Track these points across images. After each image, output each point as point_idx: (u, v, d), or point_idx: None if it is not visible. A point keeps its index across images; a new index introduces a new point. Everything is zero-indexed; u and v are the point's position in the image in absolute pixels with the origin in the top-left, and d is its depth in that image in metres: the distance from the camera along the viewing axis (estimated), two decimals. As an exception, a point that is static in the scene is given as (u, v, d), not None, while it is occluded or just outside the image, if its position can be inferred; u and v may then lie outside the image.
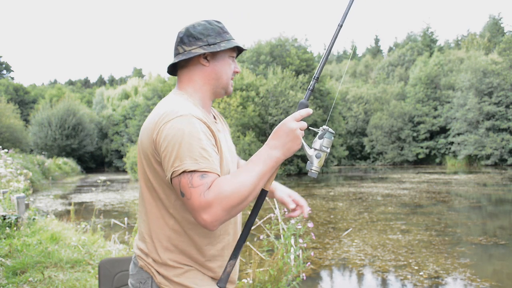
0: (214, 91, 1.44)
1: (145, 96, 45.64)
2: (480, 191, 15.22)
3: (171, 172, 1.19)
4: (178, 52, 1.40)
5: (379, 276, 5.41)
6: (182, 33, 1.41)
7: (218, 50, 1.37)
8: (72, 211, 7.66)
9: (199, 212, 1.14)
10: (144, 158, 1.32)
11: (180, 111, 1.25)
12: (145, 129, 1.32)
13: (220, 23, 1.44)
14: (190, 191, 1.15)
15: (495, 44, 41.72)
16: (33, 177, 19.91)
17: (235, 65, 1.47)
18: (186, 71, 1.42)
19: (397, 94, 42.33)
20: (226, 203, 1.14)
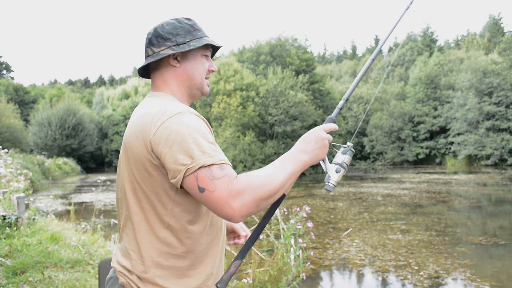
0: (189, 93, 1.39)
1: (145, 96, 45.68)
2: (480, 191, 15.22)
3: (184, 170, 1.11)
4: (148, 54, 1.35)
5: (379, 276, 5.41)
6: (150, 34, 1.35)
7: (187, 49, 1.31)
8: (72, 211, 7.66)
9: (227, 201, 1.08)
10: (135, 165, 1.22)
11: (176, 109, 1.20)
12: (133, 133, 1.24)
13: (190, 20, 1.38)
14: (214, 183, 1.09)
15: (495, 44, 41.72)
16: (33, 177, 19.91)
17: (210, 63, 1.40)
18: (158, 73, 1.36)
19: (397, 94, 42.33)
20: (257, 193, 1.10)
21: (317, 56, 69.15)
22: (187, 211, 1.23)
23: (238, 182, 1.10)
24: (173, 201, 1.21)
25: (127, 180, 1.26)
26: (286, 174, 1.17)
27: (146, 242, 1.23)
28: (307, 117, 30.95)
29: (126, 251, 1.28)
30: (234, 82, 30.11)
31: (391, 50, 58.62)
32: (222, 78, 30.60)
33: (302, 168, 1.22)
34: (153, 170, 1.20)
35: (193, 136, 1.14)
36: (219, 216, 1.19)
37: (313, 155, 1.25)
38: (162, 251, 1.23)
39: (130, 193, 1.26)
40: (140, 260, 1.24)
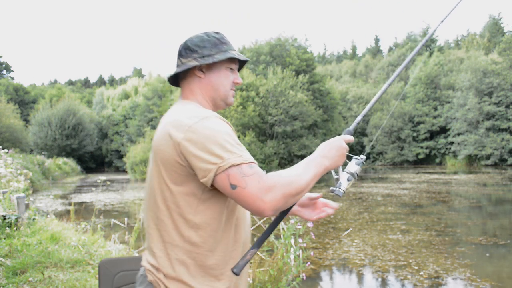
0: (214, 103, 1.46)
1: (145, 96, 45.66)
2: (480, 191, 15.22)
3: (215, 169, 1.19)
4: (177, 65, 1.44)
5: (379, 276, 5.41)
6: (181, 46, 1.45)
7: (211, 62, 1.38)
8: (72, 211, 7.66)
9: (259, 196, 1.16)
10: (163, 166, 1.29)
11: (202, 114, 1.29)
12: (162, 136, 1.31)
13: (219, 34, 1.45)
14: (245, 180, 1.17)
15: (495, 44, 41.73)
16: (33, 177, 19.92)
17: (235, 76, 1.47)
18: (186, 82, 1.45)
19: (397, 94, 42.35)
20: (286, 190, 1.18)
21: (317, 56, 69.15)
22: (212, 210, 1.29)
23: (268, 179, 1.18)
24: (199, 199, 1.28)
25: (155, 181, 1.32)
26: (311, 175, 1.26)
27: (171, 241, 1.30)
28: (307, 117, 30.96)
29: (152, 249, 1.34)
30: (234, 82, 30.13)
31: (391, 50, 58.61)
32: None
33: (323, 171, 1.31)
34: (181, 171, 1.26)
35: (221, 138, 1.22)
36: (250, 211, 1.25)
37: (333, 161, 1.34)
38: (187, 249, 1.29)
39: (158, 193, 1.32)
40: (167, 258, 1.30)
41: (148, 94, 45.36)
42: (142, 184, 23.46)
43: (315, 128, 33.11)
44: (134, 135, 42.82)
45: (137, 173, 27.86)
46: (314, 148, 31.05)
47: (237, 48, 44.53)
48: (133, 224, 8.03)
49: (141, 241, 6.36)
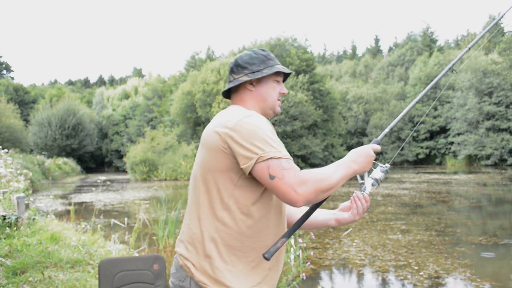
0: (263, 112, 1.63)
1: (145, 96, 45.67)
2: (480, 191, 15.22)
3: (257, 158, 1.35)
4: (229, 80, 1.64)
5: (379, 276, 5.41)
6: (232, 63, 1.65)
7: (260, 76, 1.57)
8: (72, 211, 7.66)
9: (294, 187, 1.31)
10: (208, 153, 1.47)
11: (248, 112, 1.48)
12: (211, 129, 1.49)
13: (264, 51, 1.64)
14: (283, 172, 1.33)
15: (495, 44, 41.73)
16: (33, 177, 19.92)
17: (280, 87, 1.66)
18: (237, 95, 1.64)
19: (397, 94, 42.34)
20: (318, 185, 1.34)
21: (317, 56, 69.13)
22: (245, 196, 1.45)
23: (303, 174, 1.35)
24: (234, 185, 1.44)
25: (200, 167, 1.51)
26: (340, 175, 1.41)
27: (205, 219, 1.47)
28: (307, 117, 30.96)
29: (188, 227, 1.52)
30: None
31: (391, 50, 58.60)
32: (222, 78, 30.60)
33: (351, 174, 1.46)
34: (223, 159, 1.43)
35: (263, 133, 1.39)
36: (283, 201, 1.38)
37: (361, 167, 1.49)
38: (219, 228, 1.45)
39: (200, 177, 1.50)
40: (200, 235, 1.47)
41: (148, 94, 45.37)
42: (142, 184, 23.46)
43: (315, 128, 33.11)
44: (134, 135, 42.82)
45: (137, 173, 27.86)
46: (314, 148, 31.18)
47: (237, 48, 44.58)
48: (133, 224, 8.03)
49: (141, 241, 6.36)
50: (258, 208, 1.47)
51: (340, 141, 35.42)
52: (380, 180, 1.53)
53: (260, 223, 1.47)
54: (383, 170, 1.54)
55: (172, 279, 1.52)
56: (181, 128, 33.11)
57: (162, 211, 5.36)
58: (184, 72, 42.66)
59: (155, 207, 9.66)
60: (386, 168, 1.55)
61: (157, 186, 20.11)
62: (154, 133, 31.00)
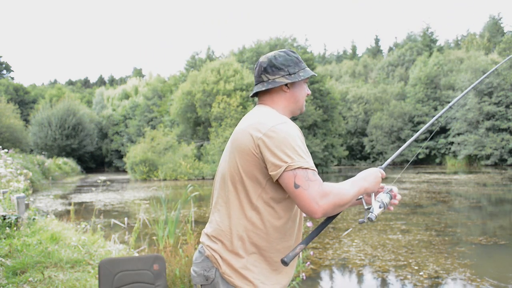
0: (292, 111, 1.69)
1: (145, 96, 45.64)
2: (480, 191, 15.22)
3: (285, 166, 1.40)
4: (262, 80, 1.64)
5: (379, 276, 5.41)
6: (265, 63, 1.64)
7: (298, 80, 1.62)
8: (72, 211, 7.66)
9: (315, 199, 1.36)
10: (239, 155, 1.51)
11: (283, 119, 1.51)
12: (242, 131, 1.53)
13: (295, 53, 1.68)
14: (308, 183, 1.38)
15: (495, 44, 41.72)
16: (33, 177, 19.91)
17: (306, 88, 1.72)
18: (268, 95, 1.66)
19: (397, 94, 42.32)
20: (337, 199, 1.40)
21: (317, 56, 69.10)
22: (272, 199, 1.50)
23: (326, 187, 1.40)
24: (263, 188, 1.50)
25: (229, 166, 1.55)
26: (355, 191, 1.49)
27: (235, 218, 1.51)
28: (307, 117, 30.94)
29: (217, 223, 1.56)
30: (234, 82, 30.08)
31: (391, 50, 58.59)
32: (222, 78, 30.59)
33: (362, 192, 1.53)
34: (253, 161, 1.48)
35: (295, 142, 1.44)
36: (303, 211, 1.43)
37: (371, 186, 1.57)
38: (247, 227, 1.50)
39: (229, 176, 1.54)
40: (228, 232, 1.51)
41: (148, 94, 45.34)
42: (142, 184, 23.46)
43: (315, 128, 33.09)
44: (134, 135, 42.81)
45: (137, 173, 27.84)
46: (314, 148, 31.14)
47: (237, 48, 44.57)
48: (133, 224, 8.04)
49: (141, 241, 6.36)
50: (284, 211, 1.53)
51: (340, 141, 35.39)
52: (385, 203, 1.59)
53: (286, 226, 1.54)
54: (387, 191, 1.63)
55: (195, 268, 1.57)
56: (181, 128, 33.09)
57: (162, 211, 5.36)
58: (184, 72, 42.64)
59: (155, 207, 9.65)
60: (389, 190, 1.64)
61: (157, 186, 20.11)
62: (154, 133, 30.98)
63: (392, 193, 1.64)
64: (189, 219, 5.66)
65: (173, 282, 3.84)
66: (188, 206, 10.56)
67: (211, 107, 30.17)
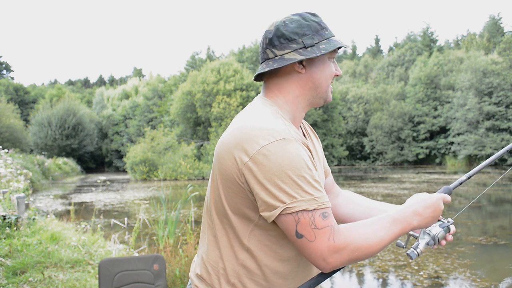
0: (311, 102, 1.21)
1: (145, 96, 45.66)
2: (480, 191, 15.22)
3: (283, 208, 1.01)
4: (268, 57, 1.17)
5: (379, 276, 5.41)
6: (271, 32, 1.16)
7: (318, 54, 1.12)
8: (72, 211, 7.66)
9: (323, 255, 1.01)
10: (220, 178, 1.11)
11: (281, 132, 1.05)
12: (226, 143, 1.10)
13: (317, 16, 1.20)
14: (314, 233, 1.01)
15: (495, 44, 41.73)
16: (33, 177, 19.91)
17: (336, 67, 1.22)
18: (275, 79, 1.19)
19: (397, 94, 42.33)
20: (356, 254, 1.03)
21: (317, 56, 68.99)
22: (269, 237, 1.13)
23: (340, 238, 1.02)
24: (255, 225, 1.12)
25: (212, 192, 1.17)
26: (391, 237, 1.08)
27: (225, 260, 1.15)
28: (307, 117, 30.96)
29: (203, 262, 1.20)
30: (234, 82, 30.11)
31: (391, 50, 58.62)
32: (222, 78, 30.61)
33: (407, 231, 1.12)
34: (238, 192, 1.09)
35: (296, 171, 1.02)
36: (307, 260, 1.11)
37: (424, 223, 1.14)
38: (240, 274, 1.14)
39: (213, 206, 1.16)
40: (216, 276, 1.16)
41: (148, 94, 45.36)
42: (142, 184, 23.46)
43: (315, 128, 33.10)
44: (134, 135, 42.82)
45: (137, 173, 27.86)
46: (314, 148, 31.11)
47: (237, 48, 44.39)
48: (133, 224, 8.04)
49: (141, 241, 6.36)
50: (288, 251, 1.14)
51: (340, 141, 35.42)
52: (438, 238, 1.16)
53: (291, 268, 1.16)
54: (443, 226, 1.17)
55: None
56: (181, 128, 33.10)
57: (162, 211, 5.36)
58: (184, 72, 42.68)
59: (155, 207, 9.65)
60: (447, 224, 1.18)
61: (157, 186, 20.11)
62: (154, 133, 31.00)
63: (451, 227, 1.19)
64: (189, 219, 5.66)
65: (173, 282, 3.84)
66: (188, 206, 10.57)
67: (211, 107, 30.19)
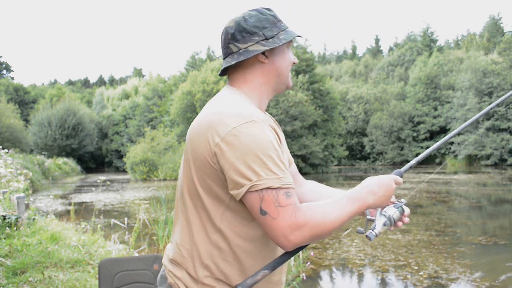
0: (274, 89, 1.31)
1: (145, 96, 45.66)
2: (480, 191, 15.22)
3: (249, 186, 1.07)
4: (231, 52, 1.25)
5: (379, 276, 5.41)
6: (232, 28, 1.25)
7: (279, 44, 1.22)
8: (72, 211, 7.67)
9: (285, 232, 1.06)
10: (193, 162, 1.18)
11: (250, 115, 1.12)
12: (198, 126, 1.17)
13: (271, 10, 1.30)
14: (278, 210, 1.06)
15: (495, 44, 41.73)
16: (33, 177, 19.90)
17: (292, 55, 1.32)
18: (240, 71, 1.27)
19: (397, 94, 42.34)
20: (315, 231, 1.08)
21: (317, 56, 69.11)
22: (239, 218, 1.18)
23: (301, 215, 1.07)
24: (226, 206, 1.17)
25: (185, 175, 1.22)
26: (348, 215, 1.13)
27: (198, 243, 1.19)
28: (307, 117, 30.95)
29: (177, 247, 1.24)
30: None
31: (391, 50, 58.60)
32: (222, 78, 30.59)
33: (364, 209, 1.18)
34: (210, 173, 1.15)
35: (263, 151, 1.08)
36: (270, 238, 1.16)
37: (379, 201, 1.19)
38: (213, 254, 1.19)
39: (186, 190, 1.22)
40: (191, 259, 1.21)
41: (148, 94, 45.36)
42: (142, 184, 23.46)
43: (315, 128, 33.09)
44: (134, 135, 42.82)
45: (137, 173, 27.85)
46: (314, 148, 31.14)
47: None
48: (133, 224, 8.04)
49: (141, 241, 6.36)
50: (257, 232, 1.20)
51: (340, 141, 35.39)
52: (394, 218, 1.23)
53: (261, 249, 1.21)
54: (397, 206, 1.24)
55: None
56: (181, 128, 33.09)
57: (162, 211, 5.37)
58: (184, 72, 42.67)
59: (155, 207, 9.65)
60: (401, 204, 1.26)
61: (157, 186, 20.11)
62: (154, 133, 30.99)
63: (404, 208, 1.27)
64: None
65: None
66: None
67: (211, 107, 30.19)
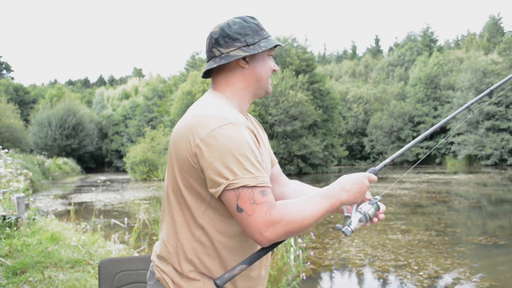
0: (254, 93, 1.38)
1: (145, 96, 45.66)
2: (480, 191, 15.22)
3: (226, 184, 1.14)
4: (214, 55, 1.33)
5: (379, 276, 5.41)
6: (216, 33, 1.34)
7: (259, 51, 1.30)
8: (72, 211, 7.67)
9: (260, 229, 1.13)
10: (176, 162, 1.25)
11: (229, 118, 1.20)
12: (181, 128, 1.25)
13: (255, 19, 1.37)
14: (253, 207, 1.13)
15: (495, 44, 41.73)
16: (33, 177, 19.90)
17: (273, 63, 1.40)
18: (222, 74, 1.35)
19: (397, 94, 42.33)
20: (290, 227, 1.14)
21: (317, 56, 69.11)
22: (220, 216, 1.25)
23: (276, 212, 1.13)
24: (207, 204, 1.24)
25: (169, 175, 1.29)
26: (322, 210, 1.18)
27: (183, 239, 1.27)
28: (307, 117, 30.95)
29: (164, 243, 1.31)
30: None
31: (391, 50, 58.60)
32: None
33: (338, 206, 1.22)
34: (191, 172, 1.22)
35: (240, 151, 1.15)
36: (246, 235, 1.24)
37: (352, 198, 1.24)
38: (196, 249, 1.26)
39: (171, 189, 1.29)
40: (176, 255, 1.27)
41: (148, 94, 45.36)
42: (142, 184, 23.46)
43: (315, 128, 33.09)
44: (134, 135, 42.81)
45: (137, 173, 27.85)
46: (314, 148, 31.14)
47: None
48: (133, 224, 8.03)
49: (141, 241, 6.36)
50: (237, 229, 1.27)
51: (340, 141, 35.39)
52: (369, 214, 1.27)
53: (241, 244, 1.28)
54: (372, 203, 1.30)
55: None
56: (181, 128, 33.11)
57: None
58: (184, 72, 42.66)
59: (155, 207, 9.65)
60: (376, 200, 1.31)
61: (157, 186, 20.11)
62: (154, 133, 30.98)
63: (380, 205, 1.32)
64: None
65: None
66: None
67: (211, 107, 30.19)
